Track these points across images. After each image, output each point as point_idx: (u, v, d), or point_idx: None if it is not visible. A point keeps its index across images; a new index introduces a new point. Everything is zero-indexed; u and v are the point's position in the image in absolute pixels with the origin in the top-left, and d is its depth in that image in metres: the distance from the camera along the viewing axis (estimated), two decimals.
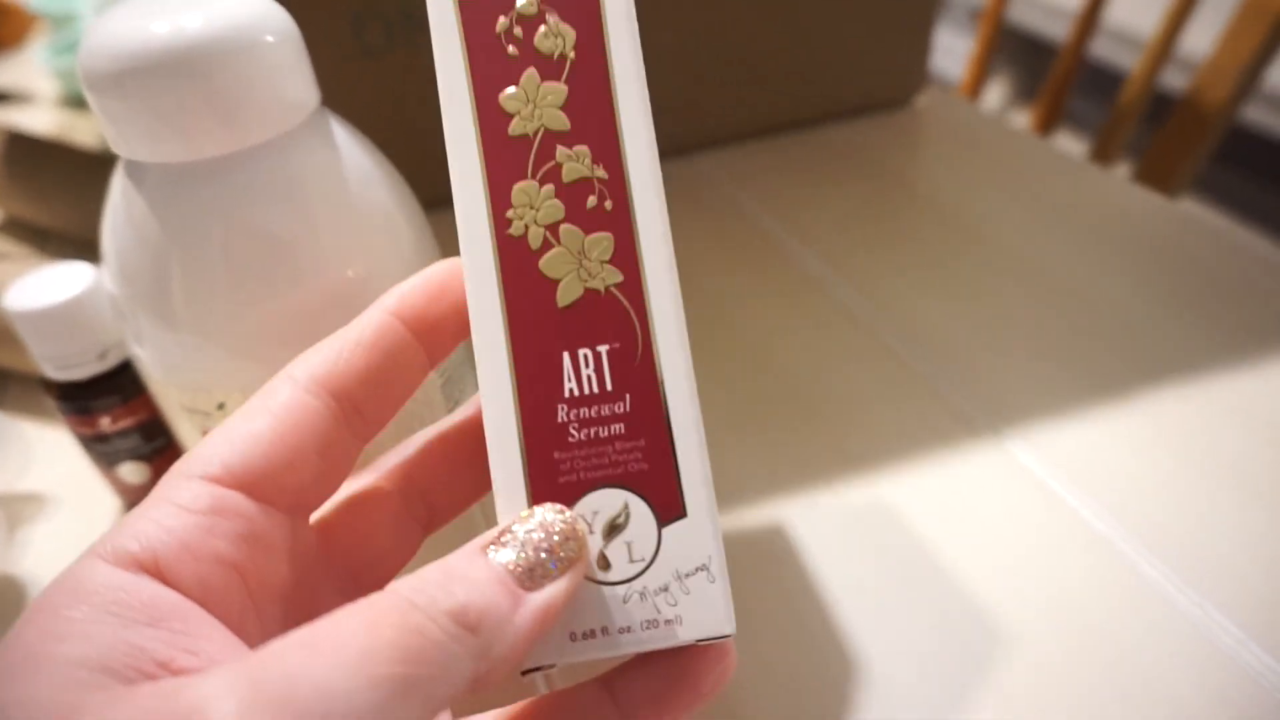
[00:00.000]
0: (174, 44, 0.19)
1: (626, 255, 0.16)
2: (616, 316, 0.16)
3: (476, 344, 0.16)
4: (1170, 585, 0.23)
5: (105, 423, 0.25)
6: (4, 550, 0.26)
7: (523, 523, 0.15)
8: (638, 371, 0.16)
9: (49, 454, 0.30)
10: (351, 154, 0.22)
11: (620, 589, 0.16)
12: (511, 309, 0.16)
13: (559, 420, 0.16)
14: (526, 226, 0.16)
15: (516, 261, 0.16)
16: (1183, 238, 0.38)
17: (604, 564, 0.16)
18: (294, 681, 0.11)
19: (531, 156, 0.16)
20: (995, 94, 1.48)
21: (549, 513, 0.15)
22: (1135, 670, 0.21)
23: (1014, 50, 1.43)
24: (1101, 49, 1.18)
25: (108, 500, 0.28)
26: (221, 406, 0.22)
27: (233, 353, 0.21)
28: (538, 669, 0.16)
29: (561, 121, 0.16)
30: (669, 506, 0.16)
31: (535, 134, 0.16)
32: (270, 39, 0.20)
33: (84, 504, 0.28)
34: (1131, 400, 0.29)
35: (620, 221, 0.16)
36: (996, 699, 0.21)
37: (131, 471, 0.26)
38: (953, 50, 1.41)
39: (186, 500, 0.14)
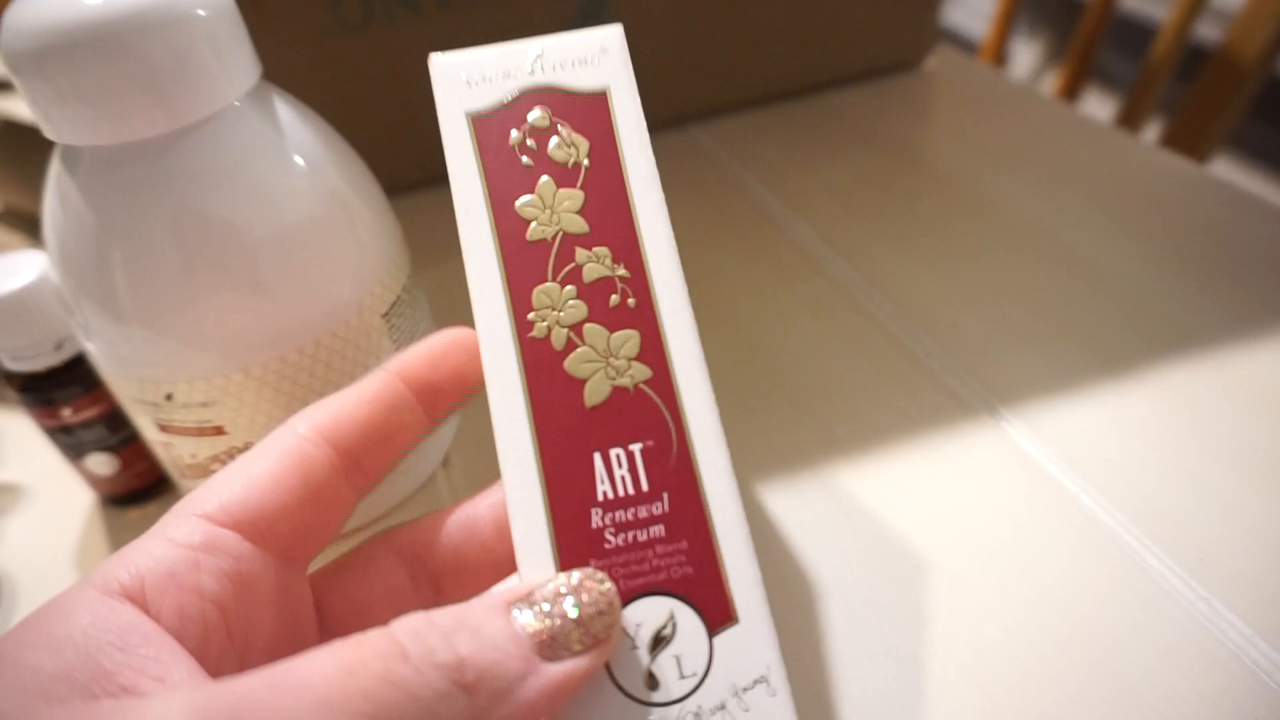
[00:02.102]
0: (99, 18, 0.18)
1: (654, 350, 0.16)
2: (648, 413, 0.16)
3: (502, 450, 0.15)
4: (1176, 578, 0.22)
5: (67, 414, 0.24)
6: None
7: (556, 585, 0.14)
8: (674, 469, 0.15)
9: (25, 444, 0.30)
10: (297, 131, 0.21)
11: (672, 711, 0.14)
12: (538, 413, 0.15)
13: (594, 525, 0.15)
14: (549, 328, 0.16)
15: (541, 364, 0.16)
16: (1208, 205, 0.36)
17: (652, 683, 0.14)
18: (242, 716, 0.11)
19: (551, 260, 0.16)
20: (1021, 51, 1.43)
21: (588, 579, 0.14)
22: (1134, 663, 0.20)
23: (1040, 4, 1.37)
24: (1132, 1, 1.13)
25: (83, 492, 0.28)
26: (169, 397, 0.21)
27: (178, 342, 0.20)
28: None
29: (580, 225, 0.16)
30: (719, 613, 0.15)
31: (554, 238, 0.16)
32: (202, 12, 0.19)
33: (60, 495, 0.28)
34: (1141, 380, 0.28)
35: (645, 317, 0.16)
36: (988, 692, 0.20)
37: (100, 463, 0.26)
38: (975, 7, 1.36)
39: (180, 535, 0.14)
